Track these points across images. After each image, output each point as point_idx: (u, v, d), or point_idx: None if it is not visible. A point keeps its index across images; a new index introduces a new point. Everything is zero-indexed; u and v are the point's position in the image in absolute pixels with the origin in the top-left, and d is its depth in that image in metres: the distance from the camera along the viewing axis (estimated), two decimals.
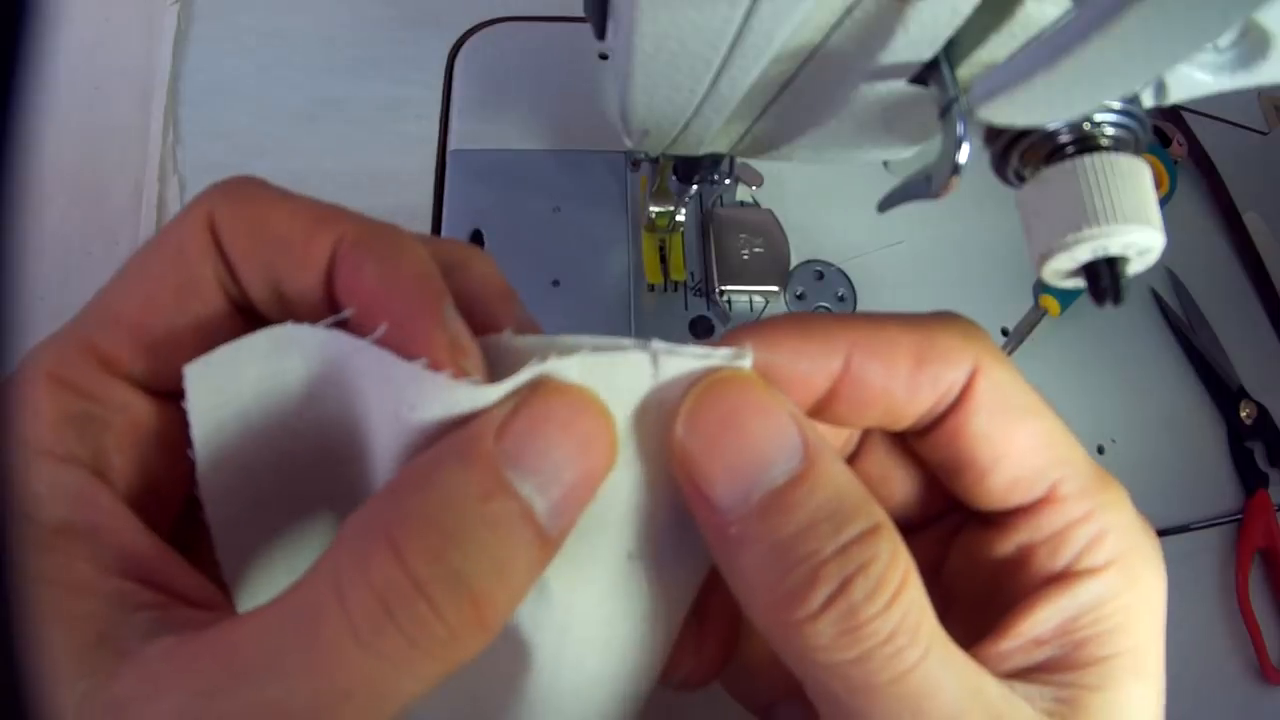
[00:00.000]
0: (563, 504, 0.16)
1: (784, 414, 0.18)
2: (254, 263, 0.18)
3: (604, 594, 0.19)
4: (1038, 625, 0.20)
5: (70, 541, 0.16)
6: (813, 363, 0.19)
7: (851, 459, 0.23)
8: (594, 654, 0.19)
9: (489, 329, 0.18)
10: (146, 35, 0.48)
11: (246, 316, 0.19)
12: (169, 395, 0.18)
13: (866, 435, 0.23)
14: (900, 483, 0.23)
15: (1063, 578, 0.20)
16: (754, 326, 0.20)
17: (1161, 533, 0.43)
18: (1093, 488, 0.20)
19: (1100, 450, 0.45)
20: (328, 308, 0.18)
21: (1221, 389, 0.47)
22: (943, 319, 0.21)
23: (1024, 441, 0.20)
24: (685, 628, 0.21)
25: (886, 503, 0.22)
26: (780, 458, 0.17)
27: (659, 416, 0.18)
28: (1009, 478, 0.20)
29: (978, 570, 0.21)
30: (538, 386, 0.17)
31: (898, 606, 0.16)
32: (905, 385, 0.20)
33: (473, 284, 0.20)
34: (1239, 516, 0.44)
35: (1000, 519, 0.21)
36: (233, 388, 0.18)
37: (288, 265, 0.18)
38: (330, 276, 0.18)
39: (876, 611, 0.16)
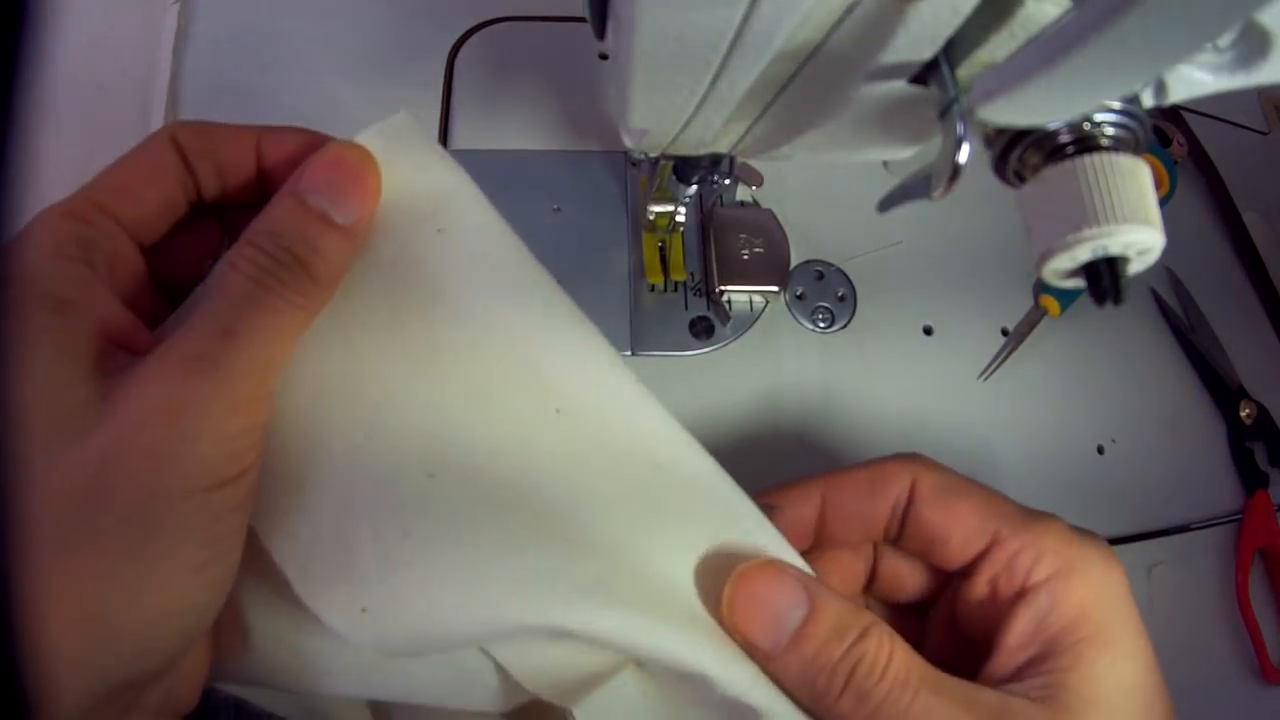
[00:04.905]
0: (347, 205, 0.25)
1: (789, 578, 0.27)
2: (205, 156, 0.26)
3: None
4: (1016, 635, 0.27)
5: (73, 309, 0.22)
6: (799, 504, 0.30)
7: (873, 569, 0.32)
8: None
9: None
10: (146, 35, 0.48)
11: (193, 207, 0.27)
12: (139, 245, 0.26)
13: (878, 551, 0.32)
14: (909, 575, 0.32)
15: (1022, 593, 0.27)
16: (768, 492, 0.30)
17: (1161, 533, 0.43)
18: (1025, 526, 0.28)
19: (1100, 450, 0.45)
20: (255, 175, 0.27)
21: (1221, 389, 0.47)
22: (886, 458, 0.31)
23: (964, 513, 0.29)
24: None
25: (902, 592, 0.33)
26: (794, 609, 0.26)
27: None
28: (960, 539, 0.29)
29: (972, 613, 0.29)
30: (326, 149, 0.26)
31: (889, 674, 0.25)
32: (867, 501, 0.30)
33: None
34: (1239, 516, 0.44)
35: (971, 569, 0.29)
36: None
37: (229, 153, 0.27)
38: (259, 152, 0.27)
39: (875, 682, 0.25)
